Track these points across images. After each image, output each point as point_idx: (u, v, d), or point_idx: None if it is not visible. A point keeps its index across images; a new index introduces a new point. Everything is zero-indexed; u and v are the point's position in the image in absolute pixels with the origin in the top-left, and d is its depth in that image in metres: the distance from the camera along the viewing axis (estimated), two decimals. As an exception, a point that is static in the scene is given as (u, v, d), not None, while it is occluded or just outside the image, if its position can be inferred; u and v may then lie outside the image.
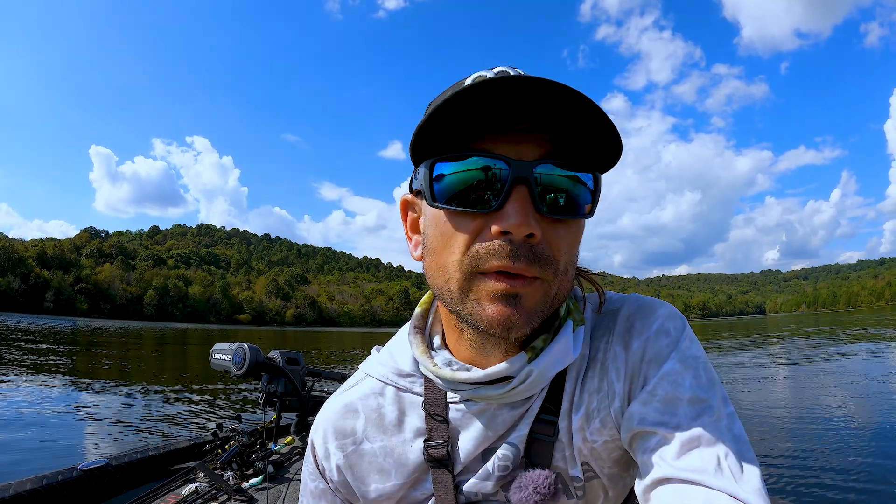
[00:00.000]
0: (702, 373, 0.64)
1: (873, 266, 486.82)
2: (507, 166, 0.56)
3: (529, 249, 0.56)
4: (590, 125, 0.55)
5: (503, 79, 0.51)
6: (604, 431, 0.67)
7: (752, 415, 8.72)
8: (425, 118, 0.56)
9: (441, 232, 0.61)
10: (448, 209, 0.60)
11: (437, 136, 0.58)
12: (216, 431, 2.53)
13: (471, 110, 0.55)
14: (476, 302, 0.59)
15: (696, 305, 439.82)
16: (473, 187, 0.57)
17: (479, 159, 0.57)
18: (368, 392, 0.78)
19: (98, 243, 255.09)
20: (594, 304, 0.75)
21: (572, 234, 0.61)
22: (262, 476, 2.23)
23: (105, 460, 2.29)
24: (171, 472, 2.30)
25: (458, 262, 0.59)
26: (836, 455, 6.30)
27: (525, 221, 0.55)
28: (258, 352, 2.61)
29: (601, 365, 0.69)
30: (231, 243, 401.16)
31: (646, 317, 0.69)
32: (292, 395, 2.68)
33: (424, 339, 0.75)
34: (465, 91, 0.52)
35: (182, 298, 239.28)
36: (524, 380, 0.63)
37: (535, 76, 0.52)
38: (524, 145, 0.57)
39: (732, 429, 0.60)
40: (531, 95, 0.52)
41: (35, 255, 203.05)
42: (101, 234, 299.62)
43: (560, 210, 0.58)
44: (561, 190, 0.58)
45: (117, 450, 2.75)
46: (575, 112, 0.53)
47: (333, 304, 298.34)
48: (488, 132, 0.58)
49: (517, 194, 0.56)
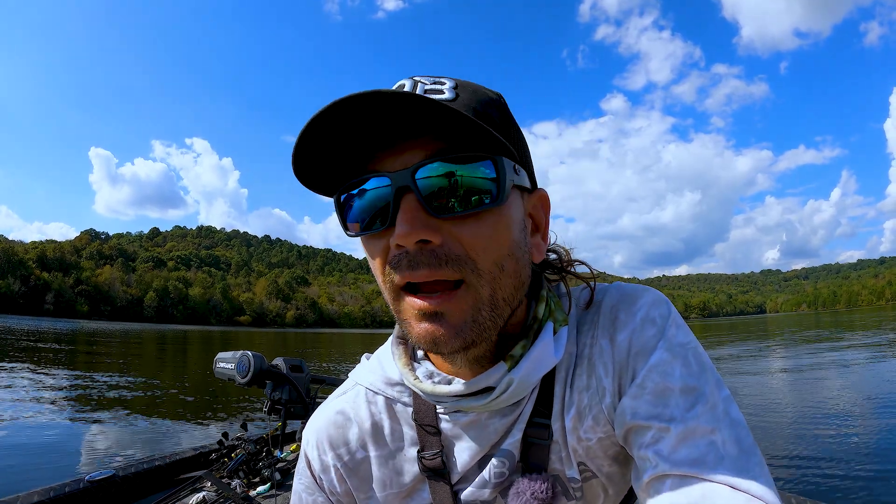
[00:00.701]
0: (692, 360, 0.62)
1: (874, 265, 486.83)
2: (389, 180, 0.56)
3: (430, 254, 0.55)
4: (454, 117, 0.51)
5: (345, 100, 0.50)
6: (597, 429, 0.66)
7: (755, 413, 8.72)
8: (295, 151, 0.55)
9: (368, 257, 0.62)
10: (359, 236, 0.61)
11: (331, 164, 0.59)
12: (222, 440, 2.54)
13: (349, 133, 0.55)
14: (405, 321, 0.59)
15: (697, 305, 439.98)
16: (369, 210, 0.58)
17: (371, 180, 0.57)
18: (360, 401, 0.77)
19: (98, 245, 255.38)
20: (579, 299, 0.72)
21: (488, 226, 0.57)
22: (269, 484, 2.24)
23: (112, 471, 2.29)
24: (178, 482, 2.31)
25: (383, 283, 0.60)
26: (838, 449, 6.34)
27: (410, 230, 0.54)
28: (262, 360, 2.62)
29: (588, 361, 0.67)
30: (231, 245, 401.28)
31: (629, 306, 0.67)
32: (297, 402, 2.69)
33: (407, 351, 0.73)
34: (321, 116, 0.51)
35: (182, 300, 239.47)
36: (505, 389, 0.62)
37: (377, 90, 0.50)
38: (409, 153, 0.56)
39: (729, 413, 0.59)
40: (400, 106, 0.51)
41: (35, 257, 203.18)
42: (101, 236, 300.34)
43: (455, 207, 0.55)
44: (453, 186, 0.55)
45: (124, 460, 2.77)
46: (434, 110, 0.51)
47: (334, 305, 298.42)
48: (378, 150, 0.58)
49: (405, 204, 0.55)
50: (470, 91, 0.60)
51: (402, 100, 0.50)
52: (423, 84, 0.59)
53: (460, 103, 0.57)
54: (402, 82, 0.60)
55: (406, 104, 0.51)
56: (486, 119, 0.58)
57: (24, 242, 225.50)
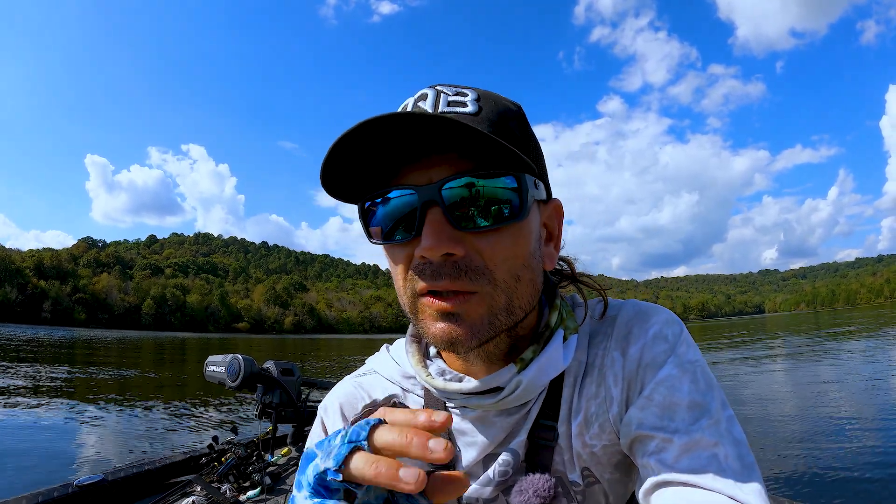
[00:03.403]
0: (700, 377, 0.64)
1: (871, 263, 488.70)
2: (416, 194, 0.59)
3: (452, 266, 0.58)
4: (479, 137, 0.54)
5: (386, 117, 0.53)
6: (602, 436, 0.68)
7: (753, 415, 8.70)
8: (323, 167, 0.58)
9: (389, 264, 0.66)
10: (383, 244, 0.64)
11: (358, 176, 0.62)
12: (212, 444, 2.51)
13: (376, 148, 0.58)
14: (423, 322, 0.62)
15: (696, 306, 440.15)
16: (397, 220, 0.61)
17: (396, 192, 0.60)
18: (376, 384, 0.81)
19: (95, 253, 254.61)
20: (594, 310, 0.75)
21: (507, 239, 0.60)
22: (259, 488, 2.21)
23: (101, 475, 2.26)
24: (168, 486, 2.28)
25: (403, 287, 0.63)
26: (837, 454, 6.29)
27: (436, 244, 0.56)
28: (252, 363, 2.61)
29: (599, 371, 0.70)
30: (229, 251, 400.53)
31: (643, 322, 0.69)
32: (288, 405, 2.68)
33: (420, 349, 0.76)
34: (352, 133, 0.54)
35: (180, 307, 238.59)
36: (513, 390, 0.65)
37: (405, 111, 0.54)
38: (436, 169, 0.59)
39: (732, 431, 0.61)
40: (427, 124, 0.54)
41: (32, 265, 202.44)
42: (98, 243, 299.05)
43: (479, 221, 0.58)
44: (477, 201, 0.58)
45: (113, 464, 2.77)
46: (459, 131, 0.54)
47: (332, 311, 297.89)
48: (404, 165, 0.61)
49: (430, 217, 0.58)
50: (492, 103, 0.62)
51: (429, 122, 0.53)
52: (445, 95, 0.61)
53: (483, 117, 0.60)
54: (424, 91, 0.62)
55: (432, 124, 0.54)
56: (508, 133, 0.61)
57: (21, 251, 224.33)
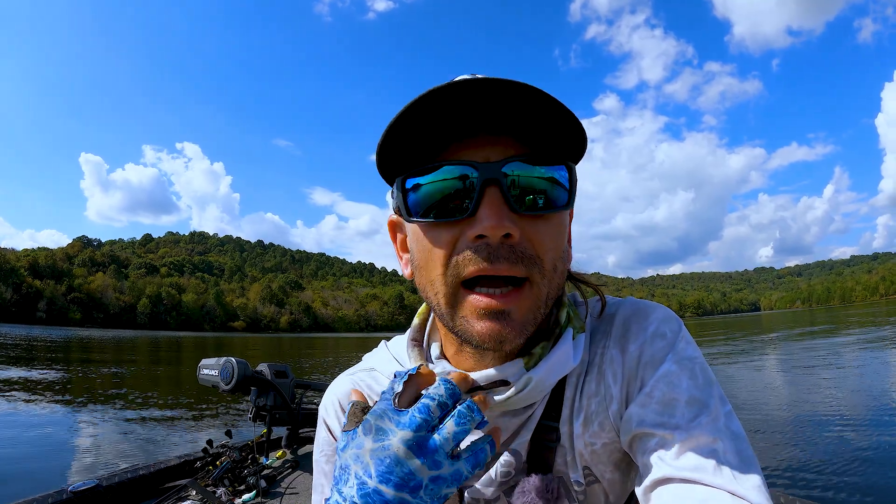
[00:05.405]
0: (698, 373, 0.65)
1: (867, 261, 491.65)
2: (476, 170, 0.56)
3: (509, 249, 0.56)
4: (552, 119, 0.55)
5: (453, 84, 0.51)
6: (602, 434, 0.68)
7: (750, 412, 8.73)
8: (384, 136, 0.56)
9: (423, 247, 0.62)
10: (425, 222, 0.61)
11: (403, 151, 0.59)
12: (206, 448, 2.52)
13: (430, 122, 0.56)
14: (464, 319, 0.59)
15: (691, 304, 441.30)
16: (446, 197, 0.58)
17: (448, 168, 0.58)
18: (374, 383, 0.78)
19: (90, 252, 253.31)
20: (594, 309, 0.75)
21: (554, 228, 0.61)
22: (254, 491, 2.21)
23: (95, 481, 2.25)
24: (163, 491, 2.28)
25: (442, 275, 0.60)
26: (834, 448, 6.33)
27: (499, 222, 0.55)
28: (246, 366, 2.61)
29: (598, 369, 0.70)
30: (224, 250, 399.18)
31: (642, 320, 0.70)
32: (282, 408, 2.69)
33: (422, 353, 0.75)
34: (418, 102, 0.53)
35: (176, 306, 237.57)
36: (523, 387, 0.64)
37: (489, 77, 0.52)
38: (490, 148, 0.57)
39: (731, 427, 0.61)
40: (487, 98, 0.53)
41: (27, 264, 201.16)
42: (93, 242, 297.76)
43: (535, 206, 0.58)
44: (533, 186, 0.58)
45: (107, 470, 2.77)
46: (535, 108, 0.53)
47: (328, 309, 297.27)
48: (454, 141, 0.59)
49: (489, 196, 0.56)
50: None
51: (507, 88, 0.51)
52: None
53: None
54: (463, 77, 0.57)
55: (507, 91, 0.51)
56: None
57: (15, 250, 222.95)
